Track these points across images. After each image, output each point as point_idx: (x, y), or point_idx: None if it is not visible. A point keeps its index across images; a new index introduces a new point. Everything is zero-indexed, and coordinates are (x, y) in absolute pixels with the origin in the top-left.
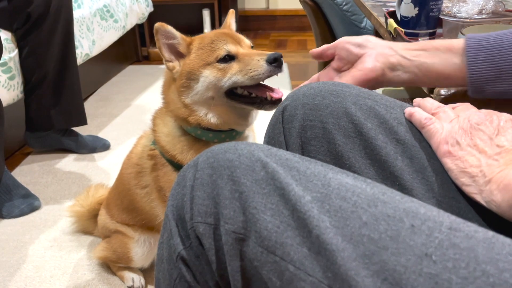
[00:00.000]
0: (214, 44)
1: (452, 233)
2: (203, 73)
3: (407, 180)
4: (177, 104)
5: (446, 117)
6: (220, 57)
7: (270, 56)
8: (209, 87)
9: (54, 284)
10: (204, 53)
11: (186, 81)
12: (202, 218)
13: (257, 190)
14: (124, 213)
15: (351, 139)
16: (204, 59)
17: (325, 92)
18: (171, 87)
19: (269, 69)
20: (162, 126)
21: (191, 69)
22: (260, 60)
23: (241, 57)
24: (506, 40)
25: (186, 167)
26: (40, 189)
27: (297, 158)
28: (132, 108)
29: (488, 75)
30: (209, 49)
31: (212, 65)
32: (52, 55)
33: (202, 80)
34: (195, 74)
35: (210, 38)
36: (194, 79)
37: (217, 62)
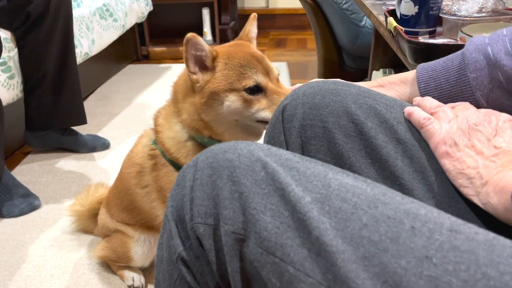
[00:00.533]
0: (243, 69)
1: (452, 235)
2: (228, 98)
3: (407, 180)
4: (193, 116)
5: (445, 116)
6: (248, 87)
7: None
8: (235, 113)
9: (54, 283)
10: (231, 76)
11: (209, 101)
12: (202, 219)
13: (257, 191)
14: (124, 213)
15: (352, 138)
16: (231, 83)
17: (325, 91)
18: (188, 99)
19: None
20: (167, 128)
21: (216, 90)
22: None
23: (270, 93)
24: (452, 67)
25: (186, 167)
26: (40, 188)
27: (297, 158)
28: (132, 107)
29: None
30: (237, 73)
31: (240, 93)
32: (52, 54)
33: (227, 105)
34: (219, 96)
35: (239, 60)
36: (218, 100)
37: (244, 91)
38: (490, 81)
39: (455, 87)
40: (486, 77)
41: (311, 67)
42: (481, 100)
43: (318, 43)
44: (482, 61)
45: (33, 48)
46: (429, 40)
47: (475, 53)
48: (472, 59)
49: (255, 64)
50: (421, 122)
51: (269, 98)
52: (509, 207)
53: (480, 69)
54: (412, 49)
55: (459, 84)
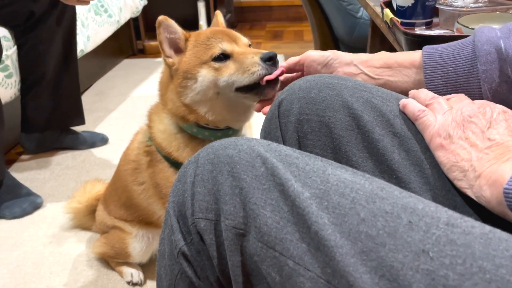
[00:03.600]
0: (209, 41)
1: (449, 229)
2: (200, 73)
3: (404, 173)
4: (176, 103)
5: (440, 108)
6: (215, 56)
7: (265, 54)
8: (210, 86)
9: (54, 280)
10: (199, 51)
11: (184, 81)
12: (203, 214)
13: (257, 186)
14: (122, 209)
15: (349, 132)
16: (199, 57)
17: (321, 85)
18: (169, 87)
19: (264, 65)
20: (158, 122)
21: (187, 68)
22: (254, 57)
23: (236, 56)
24: (461, 56)
25: (187, 163)
26: (38, 185)
27: (296, 153)
28: (128, 102)
29: (446, 91)
30: (204, 47)
31: (208, 64)
32: (53, 53)
33: (200, 80)
34: (192, 74)
35: (205, 35)
36: (192, 78)
37: (212, 61)
38: (500, 75)
39: (462, 77)
40: (496, 70)
41: None
42: (487, 93)
43: (315, 34)
44: (494, 54)
45: (34, 46)
46: (426, 32)
47: (487, 45)
48: (483, 51)
49: (220, 35)
50: (416, 114)
51: (236, 61)
52: (502, 201)
53: (491, 62)
54: (409, 40)
55: (467, 74)
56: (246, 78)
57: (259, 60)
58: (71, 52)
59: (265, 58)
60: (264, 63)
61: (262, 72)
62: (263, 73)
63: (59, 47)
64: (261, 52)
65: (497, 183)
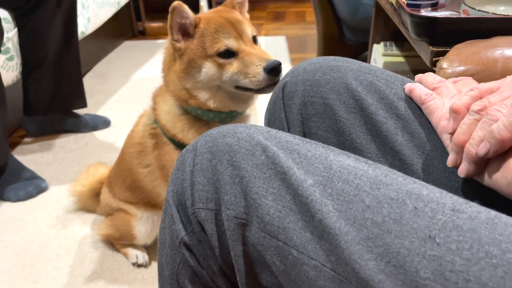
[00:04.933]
0: (217, 35)
1: (455, 214)
2: (205, 65)
3: (407, 155)
4: (177, 85)
5: (447, 92)
6: (220, 51)
7: (268, 65)
8: (212, 79)
9: (60, 262)
10: (206, 42)
11: (188, 68)
12: (204, 204)
13: (258, 175)
14: (127, 192)
15: (352, 114)
16: (205, 49)
17: (326, 67)
18: (171, 68)
19: (266, 77)
20: (163, 104)
21: (193, 57)
22: (258, 66)
23: (241, 56)
24: None
25: (185, 152)
26: (42, 168)
27: (297, 140)
28: (130, 84)
29: None
30: (211, 39)
31: (213, 58)
32: (54, 35)
33: (204, 72)
34: (196, 64)
35: (214, 26)
36: (196, 67)
37: (217, 56)
38: None
39: None
40: None
41: (310, 41)
42: None
43: (318, 16)
44: None
45: (35, 29)
46: (432, 13)
47: None
48: None
49: (228, 29)
50: (423, 98)
51: (240, 60)
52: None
53: None
54: (414, 22)
55: None
56: (248, 82)
57: (262, 71)
58: (72, 34)
59: (268, 69)
60: (267, 74)
61: (264, 82)
62: (264, 83)
63: (59, 30)
64: (266, 59)
65: (508, 165)
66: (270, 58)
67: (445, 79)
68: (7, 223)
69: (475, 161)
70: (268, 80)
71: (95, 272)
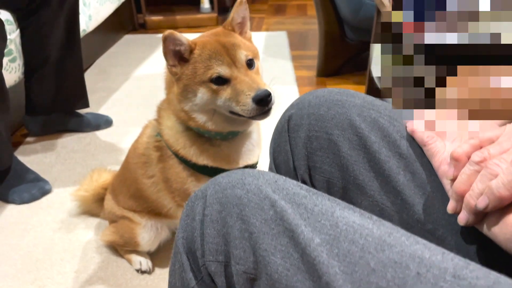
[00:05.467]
0: (210, 62)
1: (456, 281)
2: (199, 90)
3: (408, 195)
4: (177, 107)
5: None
6: (213, 78)
7: (257, 96)
8: (208, 103)
9: (65, 266)
10: (200, 68)
11: (184, 92)
12: (213, 257)
13: (266, 231)
14: (131, 200)
15: (356, 151)
16: (199, 75)
17: (330, 102)
18: (171, 89)
19: (255, 108)
20: (166, 119)
21: (188, 83)
22: (247, 96)
23: (234, 83)
24: None
25: (194, 198)
26: (45, 169)
27: (304, 191)
28: (131, 81)
29: None
30: (204, 65)
31: (207, 84)
32: (56, 36)
33: (199, 97)
34: (192, 89)
35: (208, 53)
36: (191, 92)
37: (210, 82)
38: None
39: None
40: None
41: (311, 37)
42: None
43: (319, 14)
44: None
45: (37, 30)
46: None
47: None
48: None
49: (222, 55)
50: (424, 140)
51: (233, 88)
52: (511, 238)
53: None
54: None
55: None
56: (239, 110)
57: (251, 102)
58: (74, 35)
59: (257, 100)
60: (255, 104)
61: (253, 112)
62: (254, 112)
63: (62, 30)
64: (256, 89)
65: (507, 221)
66: (260, 88)
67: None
68: (12, 226)
69: (474, 212)
70: (257, 110)
71: (100, 278)
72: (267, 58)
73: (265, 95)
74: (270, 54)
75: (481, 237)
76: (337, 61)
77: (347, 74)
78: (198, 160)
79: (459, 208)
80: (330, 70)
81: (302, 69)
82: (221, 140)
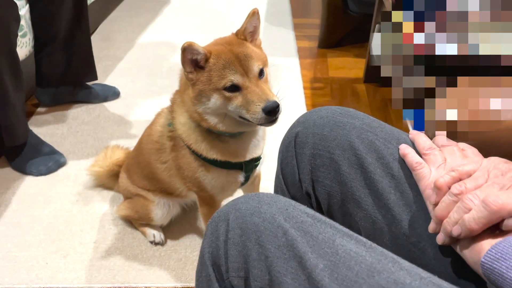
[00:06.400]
0: (224, 71)
1: None
2: (213, 96)
3: (397, 212)
4: (191, 108)
5: (435, 160)
6: (227, 86)
7: (267, 107)
8: (220, 108)
9: (85, 237)
10: (215, 76)
11: (198, 96)
12: (236, 273)
13: (279, 255)
14: (145, 180)
15: (354, 170)
16: (214, 83)
17: (333, 123)
18: (186, 91)
19: (264, 117)
20: (180, 115)
21: (203, 89)
22: (258, 106)
23: (245, 92)
24: None
25: (218, 219)
26: (58, 141)
27: (310, 219)
28: (136, 49)
29: None
30: (219, 74)
31: (220, 91)
32: (64, 13)
33: (212, 102)
34: (206, 94)
35: (223, 62)
36: (205, 97)
37: (224, 90)
38: None
39: None
40: None
41: (314, 4)
42: None
43: None
44: None
45: (46, 7)
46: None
47: None
48: None
49: (235, 66)
50: (413, 165)
51: (244, 96)
52: (479, 267)
53: None
54: None
55: None
56: (249, 117)
57: (261, 111)
58: (82, 11)
59: (266, 110)
60: (265, 114)
61: (262, 120)
62: (263, 121)
63: (70, 7)
64: (266, 100)
65: (475, 248)
66: (269, 99)
67: (434, 146)
68: (33, 197)
69: (449, 236)
70: (266, 119)
71: (117, 248)
72: (269, 26)
73: (273, 107)
74: (271, 21)
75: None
76: (338, 33)
77: (348, 46)
78: (208, 154)
79: (438, 229)
80: (331, 42)
81: (303, 39)
82: (230, 137)
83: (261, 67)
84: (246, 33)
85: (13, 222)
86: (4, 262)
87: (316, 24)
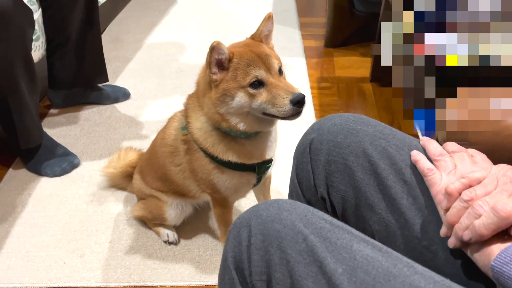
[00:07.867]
0: (248, 68)
1: None
2: (237, 94)
3: (410, 217)
4: (211, 110)
5: (446, 167)
6: (251, 82)
7: (295, 98)
8: (244, 106)
9: (100, 237)
10: (240, 74)
11: (222, 96)
12: (258, 277)
13: (300, 260)
14: (158, 182)
15: (368, 175)
16: (239, 81)
17: (347, 130)
18: (206, 94)
19: (292, 109)
20: (195, 120)
21: (227, 87)
22: (285, 99)
23: (269, 88)
24: None
25: (239, 225)
26: (71, 142)
27: (328, 225)
28: (144, 49)
29: None
30: (243, 72)
31: (245, 89)
32: (76, 17)
33: (237, 100)
34: (230, 93)
35: (247, 60)
36: (230, 96)
37: (249, 87)
38: None
39: None
40: None
41: (319, 2)
42: None
43: None
44: None
45: (58, 11)
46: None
47: None
48: None
49: (258, 63)
50: (425, 171)
51: (269, 91)
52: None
53: None
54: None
55: None
56: (275, 111)
57: (289, 103)
58: (94, 14)
59: (294, 101)
60: (293, 106)
61: (289, 112)
62: (290, 113)
63: (82, 12)
64: (291, 92)
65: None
66: (295, 91)
67: (445, 152)
68: (49, 198)
69: (460, 240)
70: (293, 111)
71: (132, 248)
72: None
73: (301, 97)
74: (278, 21)
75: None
76: (344, 33)
77: (354, 45)
78: (224, 156)
79: (449, 233)
80: (337, 42)
81: (310, 39)
82: (245, 139)
83: (280, 66)
84: (262, 36)
85: (30, 223)
86: (23, 262)
87: (322, 23)
